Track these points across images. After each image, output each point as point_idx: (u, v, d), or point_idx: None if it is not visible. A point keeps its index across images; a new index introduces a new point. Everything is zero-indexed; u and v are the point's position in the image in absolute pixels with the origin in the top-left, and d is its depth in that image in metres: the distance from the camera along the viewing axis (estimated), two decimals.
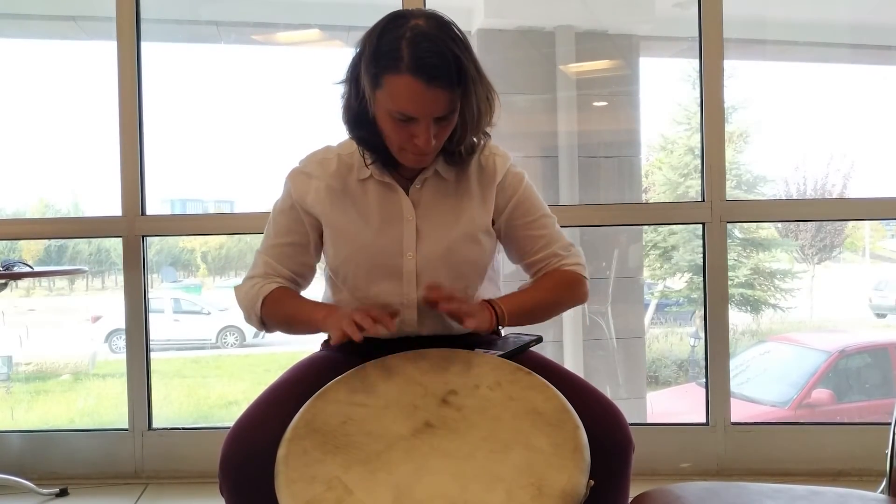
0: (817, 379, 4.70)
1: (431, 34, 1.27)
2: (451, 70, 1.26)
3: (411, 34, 1.26)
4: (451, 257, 1.44)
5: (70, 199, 4.71)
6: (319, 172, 1.46)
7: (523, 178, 1.52)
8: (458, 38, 1.29)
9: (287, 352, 1.77)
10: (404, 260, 1.44)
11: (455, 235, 1.45)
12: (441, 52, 1.26)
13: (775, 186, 5.22)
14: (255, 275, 1.51)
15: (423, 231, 1.44)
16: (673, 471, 2.56)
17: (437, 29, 1.28)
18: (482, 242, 1.48)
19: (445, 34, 1.28)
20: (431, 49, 1.25)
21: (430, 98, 1.27)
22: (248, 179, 4.37)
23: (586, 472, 1.11)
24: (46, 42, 3.98)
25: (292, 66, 4.02)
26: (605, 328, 3.87)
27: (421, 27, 1.27)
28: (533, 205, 1.52)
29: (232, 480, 1.26)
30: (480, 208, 1.47)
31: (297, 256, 1.51)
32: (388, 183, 1.45)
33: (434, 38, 1.26)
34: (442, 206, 1.46)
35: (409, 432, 1.19)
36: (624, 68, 3.86)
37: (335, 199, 1.45)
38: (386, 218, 1.45)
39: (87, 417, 5.22)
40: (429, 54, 1.25)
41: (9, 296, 4.46)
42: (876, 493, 1.24)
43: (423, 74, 1.25)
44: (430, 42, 1.26)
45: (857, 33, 4.15)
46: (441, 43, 1.26)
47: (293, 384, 1.40)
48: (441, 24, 1.30)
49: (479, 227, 1.47)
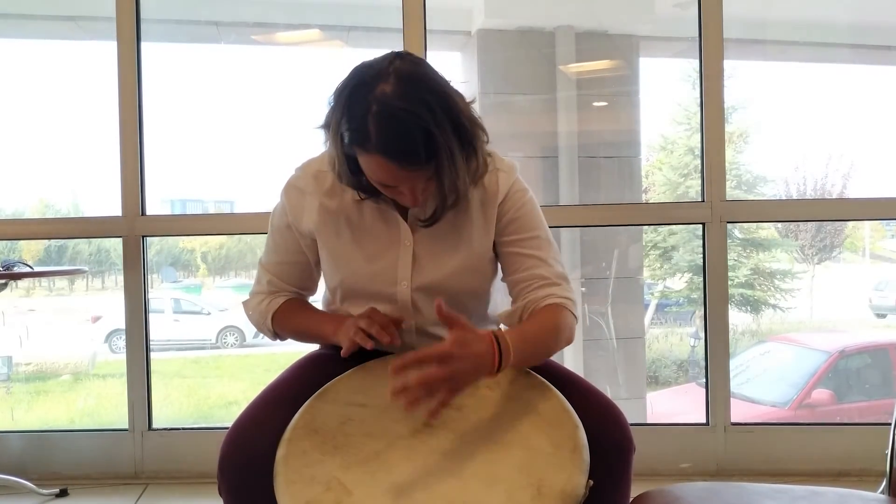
0: (817, 379, 4.70)
1: (398, 108, 1.17)
2: (419, 150, 1.18)
3: (377, 108, 1.17)
4: (448, 288, 1.36)
5: (70, 199, 4.71)
6: (314, 188, 1.40)
7: (525, 194, 1.42)
8: (428, 101, 1.18)
9: (287, 352, 1.77)
10: (398, 289, 1.39)
11: (454, 265, 1.39)
12: (408, 132, 1.17)
13: (775, 186, 5.23)
14: (261, 291, 1.50)
15: (420, 258, 1.38)
16: (673, 471, 2.56)
17: (404, 97, 1.18)
18: (482, 271, 1.42)
19: (414, 102, 1.18)
20: (398, 129, 1.17)
21: (405, 175, 1.21)
22: (248, 179, 4.37)
23: (586, 472, 1.10)
24: (46, 42, 3.98)
25: (292, 66, 4.02)
26: (605, 328, 3.87)
27: (387, 97, 1.17)
28: (529, 222, 1.40)
29: (231, 481, 1.26)
30: (482, 234, 1.39)
31: (299, 273, 1.49)
32: (386, 207, 1.38)
33: (401, 114, 1.17)
34: (441, 232, 1.37)
35: (408, 432, 1.19)
36: (624, 68, 3.87)
37: (329, 219, 1.39)
38: (382, 242, 1.39)
39: (87, 418, 5.22)
40: (396, 135, 1.17)
41: (9, 296, 4.46)
42: (876, 494, 1.24)
43: (392, 157, 1.18)
44: (397, 121, 1.17)
45: (857, 33, 4.15)
46: (409, 118, 1.17)
47: (292, 384, 1.40)
48: (411, 85, 1.19)
49: (480, 255, 1.40)
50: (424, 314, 1.40)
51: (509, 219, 1.40)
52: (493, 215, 1.39)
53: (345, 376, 1.34)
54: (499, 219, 1.40)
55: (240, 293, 6.03)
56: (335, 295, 1.47)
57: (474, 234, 1.39)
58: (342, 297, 1.45)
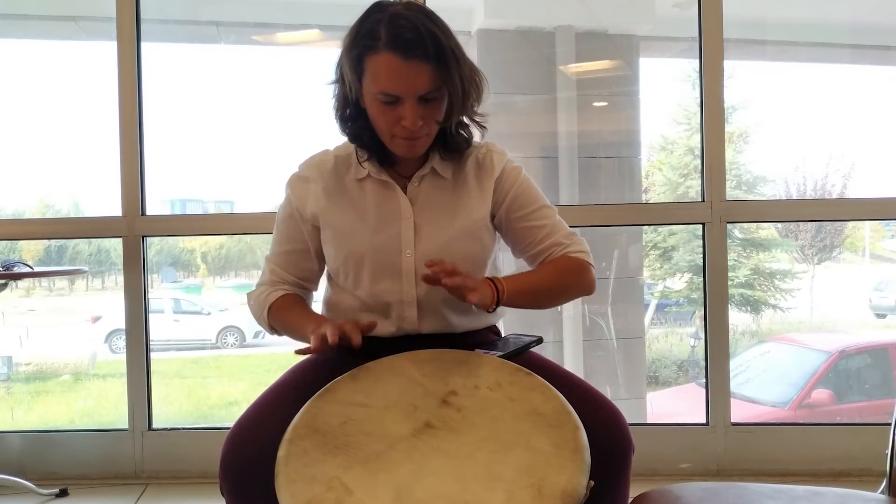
0: (817, 379, 4.70)
1: (408, 14, 1.31)
2: (426, 43, 1.29)
3: (388, 17, 1.31)
4: (449, 253, 1.43)
5: (70, 199, 4.70)
6: (316, 175, 1.49)
7: (520, 171, 1.53)
8: (437, 20, 1.34)
9: (287, 352, 1.76)
10: (403, 257, 1.45)
11: (453, 231, 1.46)
12: (416, 27, 1.29)
13: (775, 187, 5.22)
14: (264, 282, 1.55)
15: (421, 228, 1.46)
16: (673, 471, 2.56)
17: (414, 10, 1.33)
18: (481, 238, 1.49)
19: (423, 14, 1.33)
20: (407, 25, 1.29)
21: (411, 73, 1.29)
22: (248, 180, 4.37)
23: (586, 472, 1.10)
24: (46, 42, 3.97)
25: (292, 67, 4.02)
26: (605, 328, 3.87)
27: (398, 10, 1.32)
28: (531, 196, 1.52)
29: (232, 481, 1.26)
30: (478, 203, 1.48)
31: (301, 263, 1.54)
32: (386, 181, 1.47)
33: (410, 17, 1.30)
34: (439, 203, 1.47)
35: (409, 433, 1.19)
36: (624, 68, 3.86)
37: (332, 199, 1.47)
38: (384, 216, 1.46)
39: (87, 418, 5.22)
40: (404, 30, 1.29)
41: (9, 296, 4.46)
42: (876, 494, 1.24)
43: (399, 49, 1.28)
44: (406, 20, 1.30)
45: (857, 33, 4.15)
46: (416, 20, 1.30)
47: (293, 385, 1.41)
48: (420, 8, 1.35)
49: (478, 222, 1.48)
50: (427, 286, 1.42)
51: (513, 196, 1.50)
52: (489, 189, 1.49)
53: (346, 376, 1.34)
54: (499, 197, 1.50)
55: (240, 293, 6.03)
56: (339, 276, 1.50)
57: (472, 202, 1.48)
58: (346, 274, 1.48)
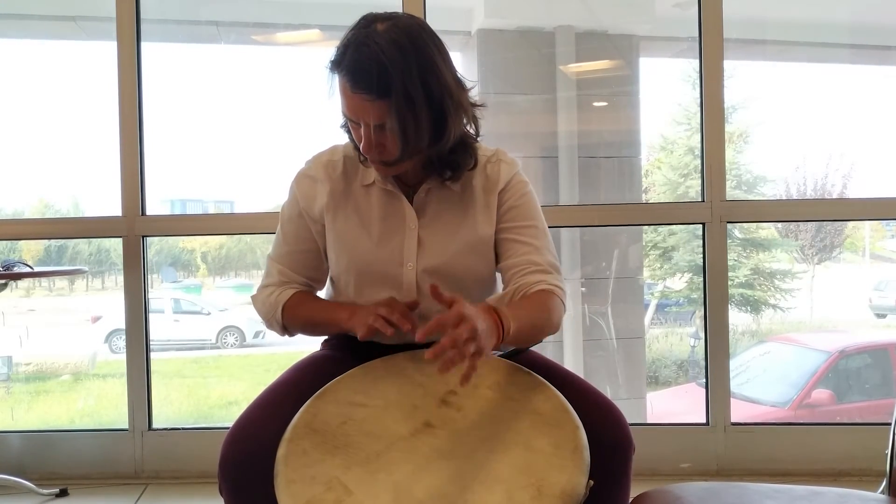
0: (817, 379, 4.70)
1: (375, 42, 1.24)
2: (371, 80, 1.23)
3: (357, 41, 1.26)
4: (451, 269, 1.41)
5: (70, 199, 4.70)
6: (324, 176, 1.45)
7: (526, 186, 1.47)
8: (405, 49, 1.24)
9: (287, 352, 1.77)
10: (404, 270, 1.42)
11: (457, 246, 1.43)
12: (372, 60, 1.23)
13: (775, 186, 5.22)
14: (271, 283, 1.50)
15: (424, 241, 1.42)
16: (673, 471, 2.56)
17: (384, 36, 1.25)
18: (485, 254, 1.45)
19: (391, 43, 1.24)
20: (364, 55, 1.24)
21: (357, 103, 1.27)
22: (248, 179, 4.37)
23: (586, 472, 1.10)
24: (46, 42, 3.97)
25: (292, 67, 4.02)
26: (605, 328, 3.87)
27: (374, 33, 1.25)
28: (528, 213, 1.45)
29: (231, 481, 1.26)
30: (484, 218, 1.44)
31: (310, 262, 1.50)
32: (392, 191, 1.43)
33: (373, 46, 1.24)
34: (445, 216, 1.43)
35: (408, 432, 1.19)
36: (624, 68, 3.86)
37: (339, 204, 1.44)
38: (388, 226, 1.43)
39: (87, 418, 5.22)
40: (361, 61, 1.24)
41: (9, 296, 4.46)
42: (876, 494, 1.24)
43: (349, 79, 1.26)
44: (367, 49, 1.24)
45: (857, 33, 4.15)
46: (378, 52, 1.23)
47: (293, 384, 1.40)
48: (399, 32, 1.26)
49: (482, 237, 1.44)
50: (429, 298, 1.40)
51: (508, 206, 1.44)
52: (493, 202, 1.44)
53: (345, 376, 1.33)
54: (499, 207, 1.44)
55: (240, 293, 6.04)
56: (339, 282, 1.49)
57: (478, 218, 1.44)
58: (346, 282, 1.47)
